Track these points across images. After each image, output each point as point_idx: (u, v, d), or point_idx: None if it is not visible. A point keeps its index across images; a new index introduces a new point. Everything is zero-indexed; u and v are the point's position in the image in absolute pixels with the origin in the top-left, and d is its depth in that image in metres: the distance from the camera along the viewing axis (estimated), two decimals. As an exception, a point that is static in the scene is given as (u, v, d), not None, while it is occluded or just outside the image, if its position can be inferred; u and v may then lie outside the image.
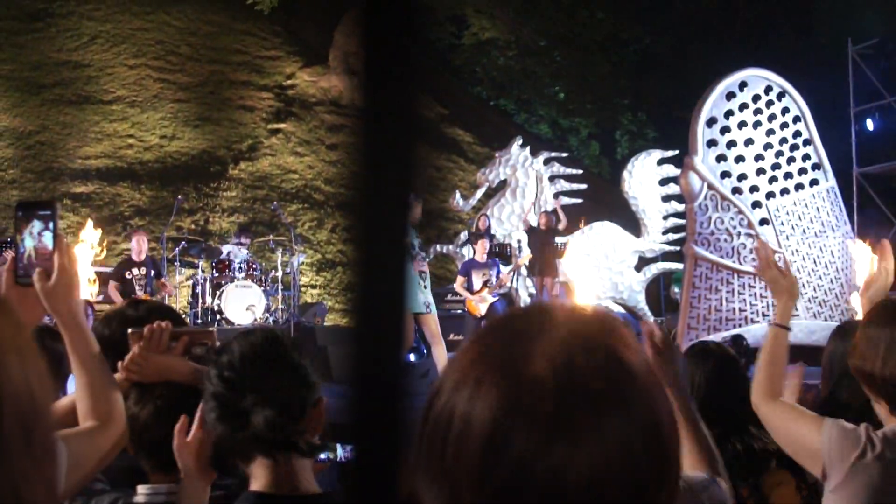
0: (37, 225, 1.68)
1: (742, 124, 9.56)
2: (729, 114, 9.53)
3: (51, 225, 1.69)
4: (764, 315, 9.23)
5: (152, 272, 10.18)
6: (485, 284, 10.51)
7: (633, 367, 0.78)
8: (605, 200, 16.49)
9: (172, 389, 1.87)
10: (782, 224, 9.48)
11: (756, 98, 9.64)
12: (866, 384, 2.06)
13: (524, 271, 12.00)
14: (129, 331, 1.91)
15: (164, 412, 1.83)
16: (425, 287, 7.53)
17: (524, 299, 12.09)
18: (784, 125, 9.72)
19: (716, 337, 8.35)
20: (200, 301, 11.15)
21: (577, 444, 0.73)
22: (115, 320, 2.10)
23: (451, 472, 0.75)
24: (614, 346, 0.79)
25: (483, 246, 10.32)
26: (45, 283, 1.61)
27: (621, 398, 0.75)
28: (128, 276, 10.08)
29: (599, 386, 0.75)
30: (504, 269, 10.74)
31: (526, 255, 11.42)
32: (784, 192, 9.60)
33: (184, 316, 11.61)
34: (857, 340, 2.07)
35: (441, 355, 7.78)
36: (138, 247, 10.24)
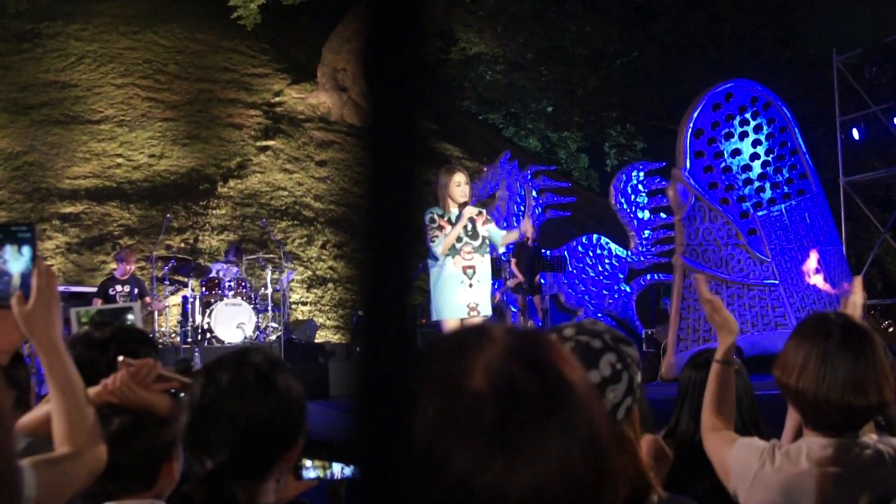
0: (15, 247, 1.67)
1: (728, 135, 9.60)
2: (715, 125, 9.57)
3: (29, 247, 1.68)
4: (753, 325, 9.24)
5: (136, 290, 10.22)
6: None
7: (571, 381, 0.79)
8: (594, 213, 16.53)
9: (128, 414, 1.88)
10: (770, 234, 9.51)
11: (742, 109, 9.69)
12: (786, 396, 2.08)
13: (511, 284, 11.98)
14: (121, 359, 1.92)
15: (121, 436, 1.84)
16: (472, 285, 6.30)
17: (512, 314, 12.08)
18: (770, 135, 9.76)
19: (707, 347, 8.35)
20: (190, 320, 11.12)
21: (516, 458, 0.73)
22: (79, 343, 2.10)
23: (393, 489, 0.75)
24: (552, 360, 0.79)
25: None
26: (22, 306, 1.60)
27: (560, 411, 0.76)
28: (111, 292, 10.12)
29: (538, 400, 0.76)
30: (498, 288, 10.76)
31: (514, 280, 11.39)
32: (771, 201, 9.64)
33: (173, 335, 11.63)
34: (781, 352, 2.09)
35: None
36: (127, 265, 10.30)
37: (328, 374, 9.39)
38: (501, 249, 6.62)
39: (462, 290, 6.26)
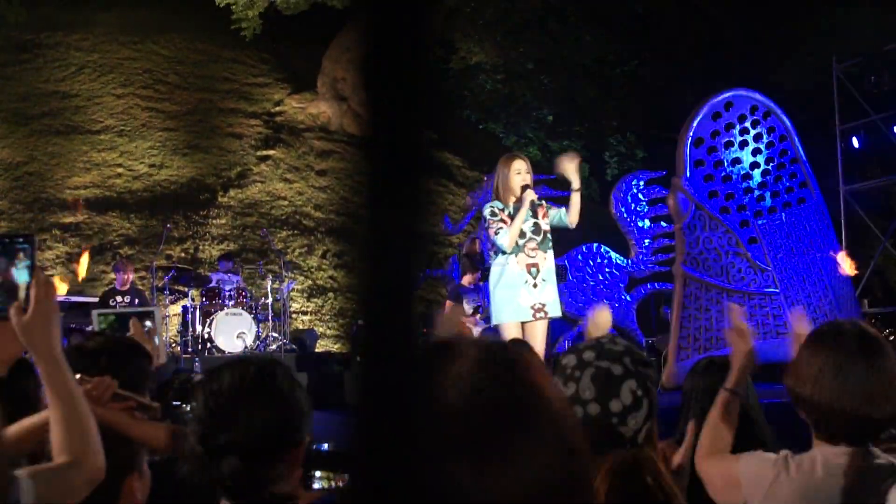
0: (14, 257, 1.67)
1: (729, 144, 9.60)
2: (715, 134, 9.57)
3: (28, 257, 1.67)
4: (754, 334, 9.22)
5: (136, 300, 10.23)
6: (476, 310, 10.50)
7: (543, 395, 0.79)
8: (595, 222, 16.51)
9: None
10: (770, 242, 9.50)
11: (742, 118, 9.68)
12: (798, 405, 2.07)
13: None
14: (78, 376, 1.93)
15: None
16: (536, 285, 5.77)
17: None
18: (770, 144, 9.76)
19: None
20: (191, 329, 11.12)
21: (485, 469, 0.73)
22: (72, 353, 2.11)
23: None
24: (521, 372, 0.79)
25: (473, 277, 10.32)
26: (20, 316, 1.59)
27: (530, 423, 0.76)
28: (112, 303, 10.13)
29: (507, 412, 0.76)
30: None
31: None
32: (772, 210, 9.63)
33: (174, 344, 11.61)
34: (795, 361, 2.08)
35: None
36: (125, 275, 10.32)
37: (344, 383, 9.39)
38: (573, 225, 5.99)
39: (526, 291, 5.76)
